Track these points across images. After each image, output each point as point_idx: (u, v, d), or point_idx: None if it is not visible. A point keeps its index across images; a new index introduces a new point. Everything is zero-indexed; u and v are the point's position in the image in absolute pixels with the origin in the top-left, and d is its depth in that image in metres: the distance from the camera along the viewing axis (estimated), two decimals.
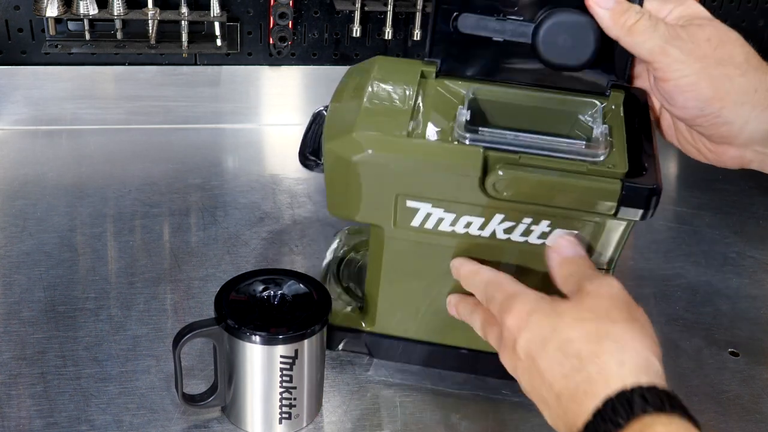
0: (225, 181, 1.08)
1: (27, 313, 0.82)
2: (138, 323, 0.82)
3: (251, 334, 0.66)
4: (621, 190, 0.62)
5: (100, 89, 1.16)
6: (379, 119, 0.67)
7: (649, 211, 0.63)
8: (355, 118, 0.67)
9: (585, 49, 0.64)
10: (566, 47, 0.64)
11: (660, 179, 0.63)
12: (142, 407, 0.73)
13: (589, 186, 0.62)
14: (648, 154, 0.65)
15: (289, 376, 0.68)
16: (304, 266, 0.91)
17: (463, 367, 0.78)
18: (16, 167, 1.07)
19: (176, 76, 1.17)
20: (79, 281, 0.87)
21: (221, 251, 0.93)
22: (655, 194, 0.62)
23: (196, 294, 0.87)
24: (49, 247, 0.92)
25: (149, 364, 0.77)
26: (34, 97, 1.14)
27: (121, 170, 1.08)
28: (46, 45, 1.09)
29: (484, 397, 0.77)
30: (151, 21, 1.09)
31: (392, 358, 0.78)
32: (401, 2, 1.15)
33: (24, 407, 0.72)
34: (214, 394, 0.71)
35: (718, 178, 1.13)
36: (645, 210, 0.63)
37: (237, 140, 1.18)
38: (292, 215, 1.01)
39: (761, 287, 0.95)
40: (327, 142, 0.68)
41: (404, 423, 0.73)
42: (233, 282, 0.71)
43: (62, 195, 1.02)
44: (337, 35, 1.19)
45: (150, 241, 0.95)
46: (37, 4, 1.06)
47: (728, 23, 0.67)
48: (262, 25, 1.17)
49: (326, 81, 1.18)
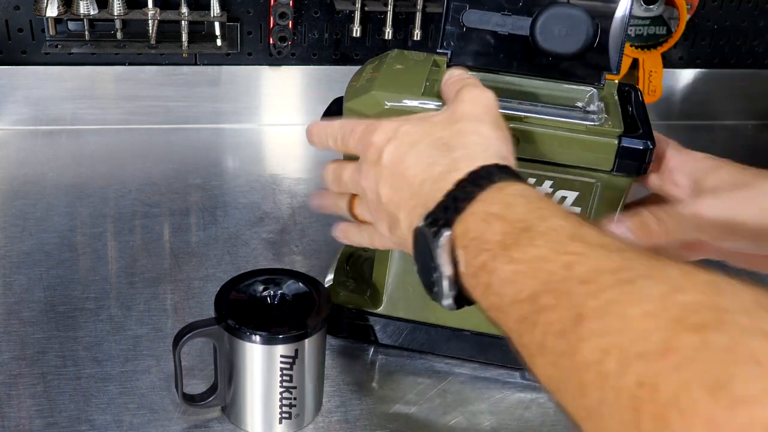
0: (225, 181, 1.08)
1: (27, 313, 0.82)
2: (138, 323, 0.82)
3: (251, 334, 0.66)
4: (618, 144, 0.67)
5: (100, 89, 1.16)
6: (397, 82, 0.71)
7: (644, 165, 0.67)
8: (373, 83, 0.70)
9: (578, 38, 0.69)
10: (561, 37, 0.70)
11: (653, 138, 0.67)
12: (142, 407, 0.73)
13: (589, 141, 0.67)
14: (642, 121, 0.70)
15: (289, 376, 0.68)
16: (304, 266, 0.91)
17: (468, 351, 0.79)
18: (16, 167, 1.07)
19: (176, 76, 1.17)
20: (79, 281, 0.87)
21: (221, 251, 0.94)
22: (649, 149, 0.66)
23: (196, 294, 0.87)
24: (49, 247, 0.92)
25: (149, 364, 0.77)
26: (34, 97, 1.14)
27: (121, 170, 1.08)
28: (46, 45, 1.09)
29: (487, 397, 0.77)
30: (151, 21, 1.09)
31: (398, 341, 0.80)
32: (401, 2, 1.15)
33: (24, 407, 0.72)
34: (214, 394, 0.71)
35: None
36: (640, 164, 0.67)
37: (237, 140, 1.18)
38: (292, 215, 1.01)
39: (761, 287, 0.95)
40: (347, 102, 0.70)
41: (405, 423, 0.73)
42: (233, 282, 0.71)
43: (62, 195, 1.02)
44: (337, 35, 1.19)
45: (150, 241, 0.95)
46: (37, 4, 1.06)
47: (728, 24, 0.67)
48: (262, 25, 1.17)
49: (326, 81, 1.19)
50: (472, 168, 0.54)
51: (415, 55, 0.76)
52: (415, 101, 0.68)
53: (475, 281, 0.50)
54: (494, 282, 0.48)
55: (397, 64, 0.74)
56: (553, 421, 0.75)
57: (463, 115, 0.59)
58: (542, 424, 0.74)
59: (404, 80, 0.71)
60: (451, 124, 0.59)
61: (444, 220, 0.52)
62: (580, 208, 0.70)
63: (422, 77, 0.71)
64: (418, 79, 0.71)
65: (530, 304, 0.45)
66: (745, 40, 1.30)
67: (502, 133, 0.59)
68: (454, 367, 0.80)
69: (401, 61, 0.75)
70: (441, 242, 0.52)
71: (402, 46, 1.20)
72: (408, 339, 0.80)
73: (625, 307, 0.40)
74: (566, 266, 0.44)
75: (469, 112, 0.59)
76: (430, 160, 0.56)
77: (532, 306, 0.45)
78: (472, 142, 0.57)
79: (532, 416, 0.75)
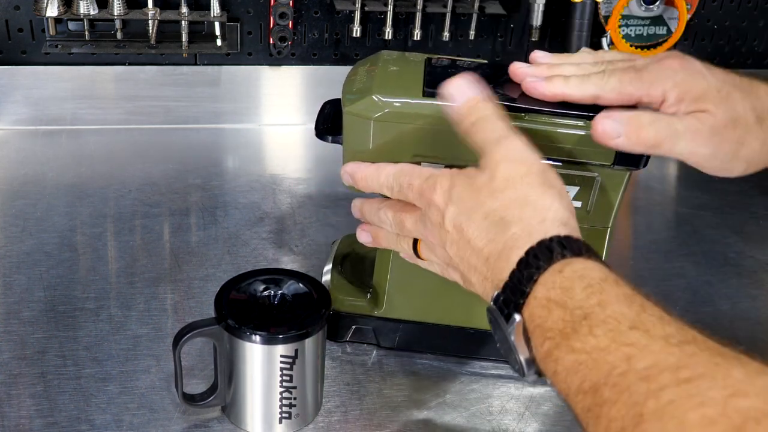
0: (225, 181, 1.08)
1: (27, 313, 0.82)
2: (138, 323, 0.82)
3: (251, 334, 0.66)
4: None
5: (100, 89, 1.16)
6: (395, 84, 0.70)
7: (644, 158, 0.67)
8: (372, 85, 0.70)
9: None
10: None
11: None
12: (142, 407, 0.73)
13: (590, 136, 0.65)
14: None
15: (289, 375, 0.68)
16: (304, 266, 0.91)
17: (469, 349, 0.79)
18: (16, 167, 1.07)
19: (176, 76, 1.17)
20: (79, 281, 0.87)
21: (221, 251, 0.94)
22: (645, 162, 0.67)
23: (196, 294, 0.87)
24: (49, 247, 0.92)
25: (149, 364, 0.77)
26: (34, 97, 1.14)
27: (121, 170, 1.08)
28: (46, 45, 1.09)
29: (487, 395, 0.77)
30: (151, 21, 1.09)
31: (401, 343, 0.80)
32: (401, 2, 1.15)
33: (24, 407, 0.72)
34: (214, 393, 0.71)
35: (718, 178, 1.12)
36: (640, 157, 0.67)
37: (237, 140, 1.18)
38: (292, 215, 1.01)
39: (761, 287, 0.95)
40: (346, 107, 0.70)
41: (405, 423, 0.73)
42: (233, 282, 0.71)
43: (62, 195, 1.02)
44: (337, 35, 1.19)
45: (150, 241, 0.95)
46: (37, 4, 1.06)
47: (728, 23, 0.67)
48: (262, 25, 1.17)
49: (326, 81, 1.19)
50: (531, 244, 0.53)
51: (408, 56, 0.76)
52: (416, 102, 0.68)
53: (545, 366, 0.51)
54: (560, 371, 0.49)
55: (391, 66, 0.74)
56: (553, 420, 0.75)
57: (506, 181, 0.57)
58: (543, 424, 0.74)
59: (402, 82, 0.71)
60: (498, 192, 0.57)
61: (513, 303, 0.53)
62: (581, 202, 0.70)
63: (419, 78, 0.71)
64: (415, 79, 0.70)
65: (593, 397, 0.45)
66: (745, 40, 1.30)
67: (554, 191, 0.57)
68: (454, 367, 0.80)
69: (395, 62, 0.75)
70: (512, 328, 0.53)
71: (402, 46, 1.20)
72: (409, 340, 0.80)
73: (685, 411, 0.39)
74: (626, 359, 0.44)
75: (511, 176, 0.57)
76: (489, 236, 0.56)
77: (594, 399, 0.45)
78: (526, 215, 0.55)
79: (533, 416, 0.75)
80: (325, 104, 0.78)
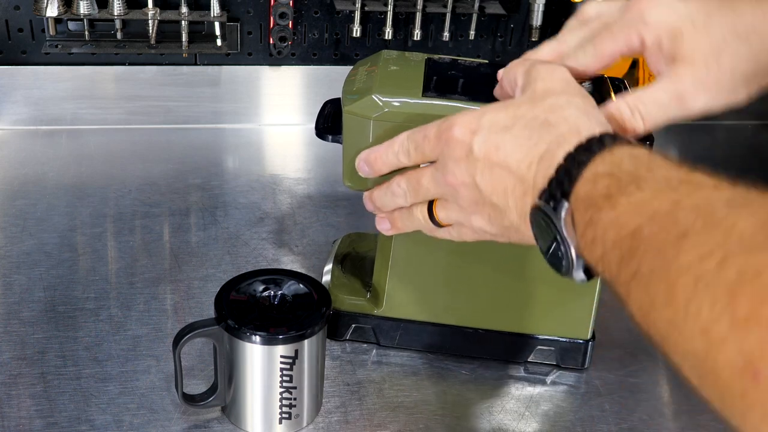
0: (225, 181, 1.08)
1: (27, 313, 0.82)
2: (138, 323, 0.82)
3: (251, 334, 0.66)
4: None
5: (100, 89, 1.16)
6: (395, 84, 0.70)
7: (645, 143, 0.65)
8: (372, 85, 0.70)
9: None
10: None
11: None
12: (142, 407, 0.73)
13: None
14: None
15: (289, 376, 0.68)
16: (304, 266, 0.91)
17: (469, 348, 0.80)
18: (16, 167, 1.07)
19: (176, 76, 1.17)
20: (79, 281, 0.87)
21: (221, 251, 0.94)
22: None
23: (196, 294, 0.87)
24: (49, 247, 0.92)
25: (149, 364, 0.77)
26: (34, 97, 1.14)
27: (121, 170, 1.08)
28: (46, 45, 1.09)
29: (487, 395, 0.77)
30: (151, 21, 1.09)
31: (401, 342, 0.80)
32: (401, 2, 1.15)
33: (24, 407, 0.72)
34: (214, 394, 0.71)
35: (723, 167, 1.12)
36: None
37: (237, 140, 1.18)
38: (292, 215, 1.01)
39: None
40: (346, 106, 0.70)
41: (405, 423, 0.73)
42: (233, 282, 0.71)
43: (62, 195, 1.02)
44: (337, 35, 1.19)
45: (150, 241, 0.95)
46: (37, 4, 1.06)
47: None
48: (262, 25, 1.17)
49: (326, 81, 1.19)
50: (580, 140, 0.53)
51: (408, 56, 0.76)
52: (416, 102, 0.68)
53: (584, 241, 0.50)
54: (598, 233, 0.47)
55: (391, 66, 0.74)
56: (553, 420, 0.75)
57: (546, 92, 0.58)
58: (543, 424, 0.74)
59: (402, 81, 0.71)
60: (539, 102, 0.57)
61: (561, 191, 0.51)
62: None
63: (419, 77, 0.71)
64: (415, 79, 0.71)
65: (632, 239, 0.44)
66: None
67: (591, 101, 0.58)
68: (454, 366, 0.80)
69: (395, 62, 0.75)
70: (562, 215, 0.51)
71: (402, 46, 1.20)
72: (409, 339, 0.80)
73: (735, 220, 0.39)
74: (674, 202, 0.43)
75: (551, 88, 0.58)
76: (531, 142, 0.55)
77: (633, 240, 0.44)
78: (571, 114, 0.55)
79: (533, 416, 0.75)
80: (326, 103, 0.78)
